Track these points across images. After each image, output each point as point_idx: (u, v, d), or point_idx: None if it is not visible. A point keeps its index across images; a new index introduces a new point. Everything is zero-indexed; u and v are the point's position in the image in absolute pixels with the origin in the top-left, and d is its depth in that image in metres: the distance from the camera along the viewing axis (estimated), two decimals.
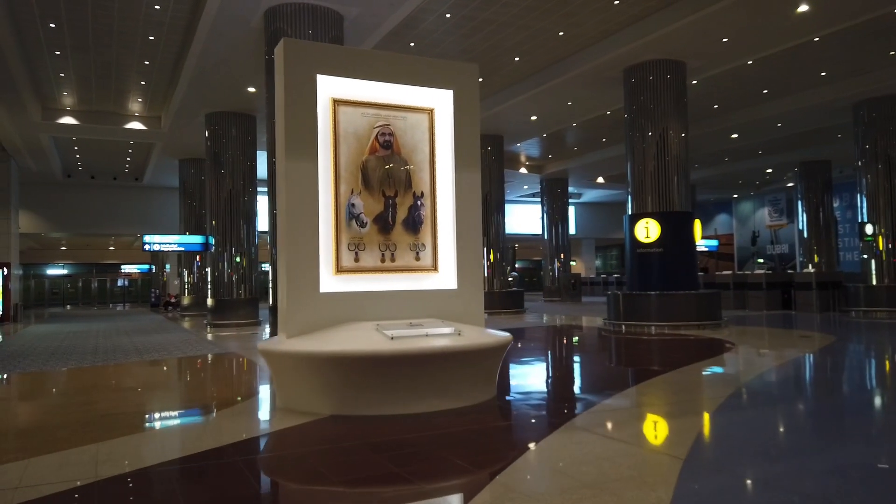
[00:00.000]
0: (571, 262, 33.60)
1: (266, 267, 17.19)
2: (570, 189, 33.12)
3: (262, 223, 18.97)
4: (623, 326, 14.43)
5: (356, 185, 6.53)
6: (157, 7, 12.10)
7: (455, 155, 6.98)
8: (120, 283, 48.24)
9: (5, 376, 8.94)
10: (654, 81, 14.81)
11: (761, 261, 36.93)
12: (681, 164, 14.85)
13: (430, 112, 6.95)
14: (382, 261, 6.62)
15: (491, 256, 21.75)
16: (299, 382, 5.88)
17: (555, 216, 31.47)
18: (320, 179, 6.33)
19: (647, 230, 14.58)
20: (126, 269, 47.87)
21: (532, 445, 4.47)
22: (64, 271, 47.41)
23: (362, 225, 6.53)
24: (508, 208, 38.72)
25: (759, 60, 15.24)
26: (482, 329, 6.63)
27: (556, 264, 31.35)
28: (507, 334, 6.58)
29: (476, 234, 7.05)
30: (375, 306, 6.46)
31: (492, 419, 5.32)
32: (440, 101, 6.98)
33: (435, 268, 6.86)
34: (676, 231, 14.60)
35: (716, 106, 20.05)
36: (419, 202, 6.82)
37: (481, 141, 21.26)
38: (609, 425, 5.04)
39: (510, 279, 46.45)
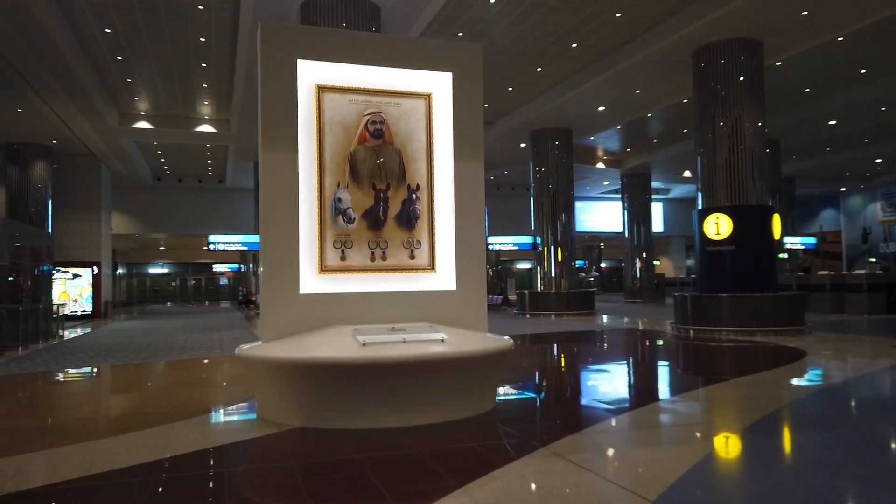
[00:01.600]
0: (655, 262, 31.89)
1: None
2: (654, 184, 31.44)
3: None
4: (691, 331, 13.23)
5: (343, 177, 6.05)
6: (200, 7, 12.17)
7: (455, 144, 6.37)
8: (218, 281, 50.37)
9: (65, 372, 9.15)
10: (727, 64, 13.49)
11: (873, 260, 33.67)
12: (757, 155, 13.44)
13: (427, 97, 6.37)
14: (372, 259, 6.11)
15: (559, 255, 20.78)
16: (269, 391, 5.47)
17: (636, 213, 29.93)
18: (303, 172, 5.90)
19: (718, 226, 13.31)
20: (218, 268, 49.95)
21: (488, 473, 3.82)
22: (164, 270, 50.05)
23: (349, 220, 6.05)
24: (589, 206, 37.47)
25: (851, 36, 13.57)
26: (480, 335, 5.99)
27: (638, 264, 29.81)
28: (507, 340, 5.91)
29: (478, 231, 6.42)
30: (364, 309, 5.97)
31: (468, 437, 4.69)
32: (438, 85, 6.39)
33: (432, 267, 6.28)
34: (751, 227, 13.24)
35: (807, 90, 18.21)
36: (414, 196, 6.26)
37: (547, 135, 20.48)
38: (590, 452, 4.30)
39: (591, 279, 45.00)
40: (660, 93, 17.31)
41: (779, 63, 15.06)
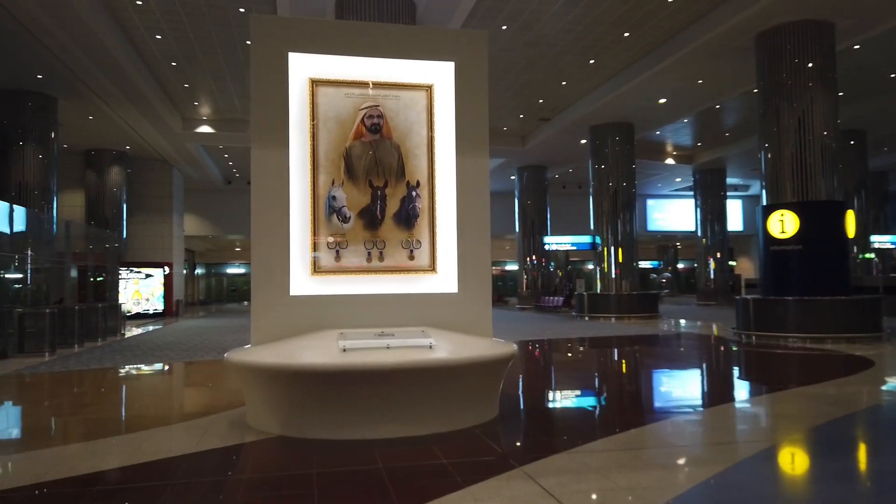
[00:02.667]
0: (731, 262, 30.25)
1: None
2: (730, 180, 29.82)
3: None
4: (753, 337, 12.28)
5: (338, 174, 5.80)
6: (241, 10, 12.28)
7: (457, 137, 6.01)
8: None
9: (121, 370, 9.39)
10: (793, 49, 12.45)
11: None
12: (827, 147, 12.33)
13: (429, 89, 6.03)
14: (368, 260, 5.82)
15: (619, 256, 19.92)
16: (252, 397, 5.28)
17: (709, 211, 28.48)
18: (295, 169, 5.68)
19: (783, 224, 12.30)
20: None
21: (441, 496, 3.45)
22: (241, 270, 51.82)
23: (345, 220, 5.79)
24: (662, 204, 36.01)
25: None
26: (481, 340, 5.60)
27: (712, 264, 28.34)
28: (508, 347, 5.50)
29: (483, 229, 6.02)
30: (360, 312, 5.69)
31: (445, 453, 4.32)
32: (441, 76, 6.04)
33: (433, 268, 5.94)
34: (820, 224, 12.15)
35: (893, 75, 16.66)
36: (414, 193, 5.93)
37: (607, 131, 19.64)
38: (570, 475, 3.84)
39: (662, 280, 43.23)
40: (725, 82, 16.26)
41: (857, 46, 13.81)
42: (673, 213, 36.12)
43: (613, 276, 19.94)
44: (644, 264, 50.05)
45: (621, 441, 4.70)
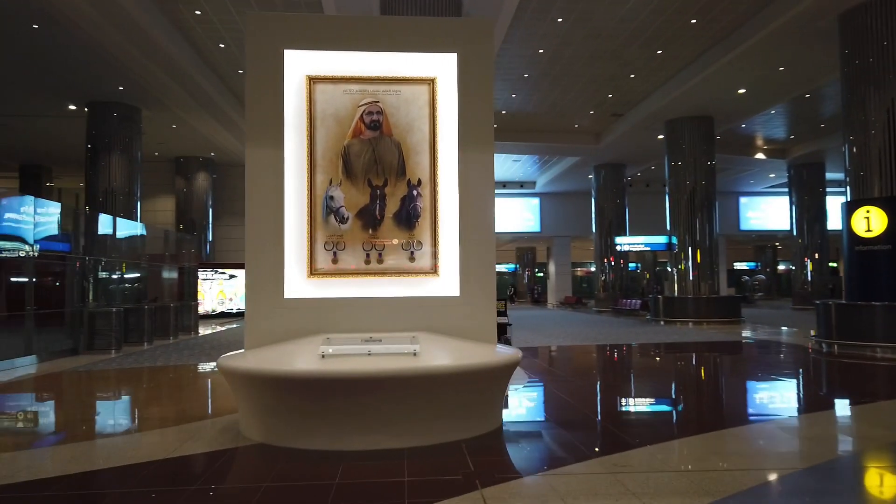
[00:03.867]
0: (831, 264, 27.98)
1: None
2: (830, 175, 27.56)
3: None
4: (835, 346, 11.16)
5: (336, 174, 5.64)
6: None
7: (460, 132, 5.71)
8: None
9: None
10: (880, 29, 11.22)
11: None
12: None
13: (431, 82, 5.77)
14: (367, 262, 5.63)
15: (697, 257, 18.79)
16: (239, 402, 5.19)
17: (806, 209, 26.45)
18: (292, 169, 5.58)
19: (868, 222, 11.11)
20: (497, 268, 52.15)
21: None
22: None
23: (342, 220, 5.62)
24: (757, 202, 33.89)
25: None
26: (480, 347, 5.28)
27: (809, 266, 26.31)
28: (509, 355, 5.14)
29: (487, 230, 5.69)
30: (357, 316, 5.51)
31: (414, 469, 4.05)
32: (444, 69, 5.77)
33: (434, 271, 5.67)
34: None
35: None
36: (415, 192, 5.69)
37: (685, 125, 18.60)
38: (530, 500, 3.47)
39: (755, 283, 40.61)
40: (811, 68, 14.96)
41: None
42: (769, 212, 33.90)
43: (691, 278, 18.82)
44: (739, 265, 47.42)
45: (612, 463, 4.24)
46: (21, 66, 13.74)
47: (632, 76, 16.55)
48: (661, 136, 20.50)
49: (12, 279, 10.66)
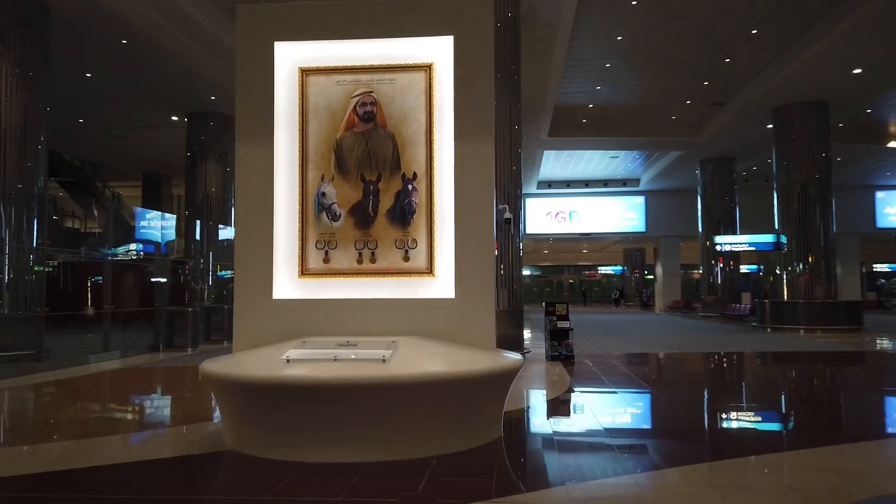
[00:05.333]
0: None
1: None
2: None
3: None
4: None
5: (328, 169, 5.37)
6: None
7: (456, 121, 5.27)
8: (597, 282, 51.81)
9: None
10: None
11: None
12: None
13: (428, 68, 5.37)
14: (359, 261, 5.31)
15: (810, 258, 16.95)
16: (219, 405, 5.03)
17: None
18: (283, 165, 5.37)
19: None
20: (602, 269, 51.22)
21: None
22: (528, 272, 52.44)
23: (334, 218, 5.34)
24: (894, 196, 30.33)
25: None
26: (472, 354, 4.82)
27: None
28: (502, 362, 4.68)
29: (485, 226, 5.21)
30: (347, 318, 5.21)
31: (357, 488, 3.69)
32: (441, 53, 5.35)
33: (430, 271, 5.26)
34: None
35: None
36: (410, 186, 5.31)
37: (795, 112, 17.15)
38: None
39: (894, 287, 36.31)
40: None
41: None
42: None
43: (803, 280, 17.01)
44: (881, 268, 42.68)
45: (564, 494, 3.64)
46: (128, 82, 14.68)
47: (727, 60, 15.17)
48: (770, 126, 18.73)
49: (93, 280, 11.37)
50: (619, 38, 13.66)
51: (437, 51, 5.34)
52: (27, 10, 10.76)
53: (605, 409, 6.52)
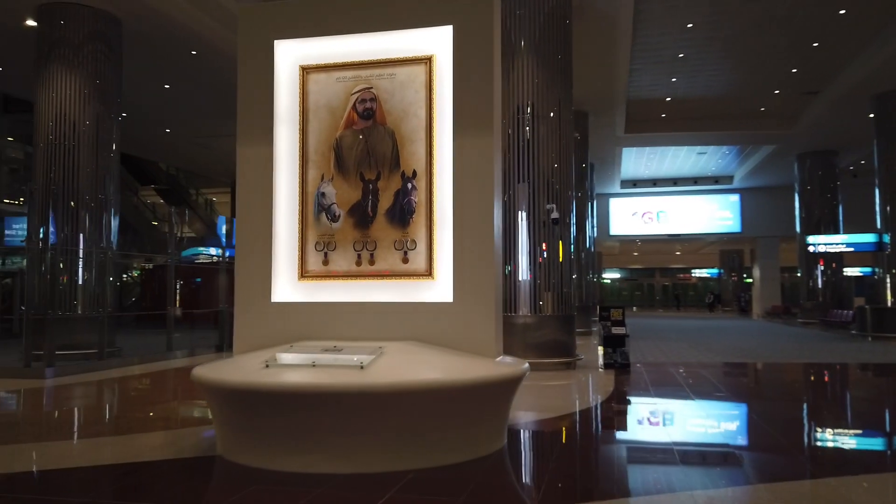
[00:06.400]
0: None
1: None
2: None
3: None
4: None
5: (328, 169, 5.24)
6: None
7: (455, 114, 5.01)
8: (690, 285, 49.72)
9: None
10: None
11: None
12: None
13: (428, 61, 5.12)
14: (358, 263, 5.14)
15: None
16: None
17: None
18: (285, 165, 5.29)
19: None
20: (696, 272, 49.13)
21: None
22: (618, 275, 51.00)
23: (334, 218, 5.20)
24: None
25: None
26: (466, 361, 4.54)
27: None
28: (502, 371, 4.43)
29: (485, 226, 4.90)
30: (346, 322, 5.05)
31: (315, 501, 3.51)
32: (442, 45, 5.09)
33: (429, 273, 5.00)
34: None
35: None
36: (409, 185, 5.08)
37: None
38: None
39: None
40: None
41: None
42: None
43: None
44: None
45: None
46: (202, 91, 15.34)
47: (815, 45, 13.91)
48: (872, 115, 17.09)
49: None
50: (690, 25, 12.83)
51: (438, 42, 5.08)
52: (100, 26, 11.40)
53: (631, 425, 6.02)
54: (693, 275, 49.53)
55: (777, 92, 17.27)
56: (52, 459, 4.63)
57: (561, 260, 9.84)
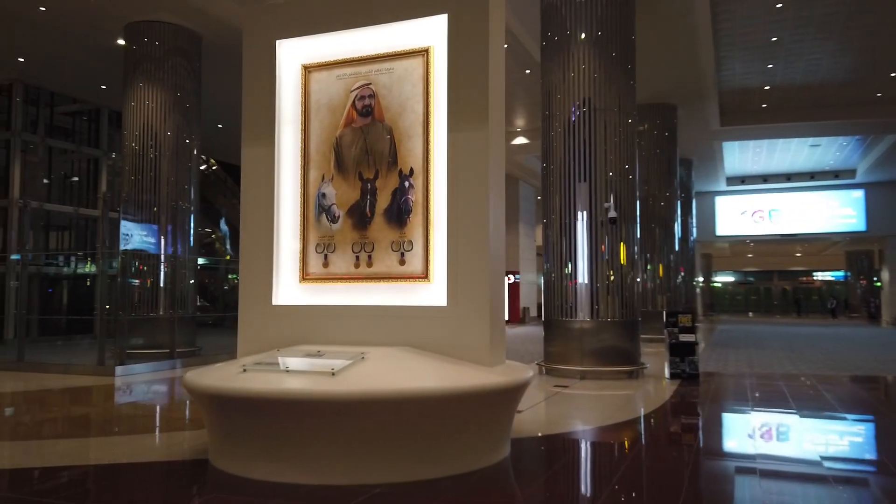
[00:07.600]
0: None
1: None
2: None
3: None
4: None
5: (328, 168, 5.14)
6: None
7: (449, 108, 4.76)
8: (811, 290, 46.37)
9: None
10: None
11: None
12: None
13: (425, 53, 4.91)
14: (356, 265, 5.00)
15: None
16: None
17: None
18: (286, 166, 5.25)
19: None
20: (819, 275, 45.94)
21: None
22: (731, 278, 48.47)
23: (334, 219, 5.09)
24: None
25: None
26: (456, 368, 4.29)
27: None
28: (491, 381, 4.12)
29: (480, 227, 4.60)
30: (343, 326, 4.94)
31: None
32: (439, 36, 4.85)
33: (425, 275, 4.78)
34: None
35: None
36: (406, 183, 4.88)
37: None
38: None
39: None
40: None
41: None
42: None
43: None
44: None
45: None
46: None
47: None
48: None
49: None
50: (779, 5, 11.71)
51: (435, 34, 4.85)
52: (181, 41, 12.01)
53: (659, 446, 5.46)
54: (816, 278, 45.58)
55: (893, 75, 15.47)
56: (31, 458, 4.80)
57: (623, 262, 9.25)
